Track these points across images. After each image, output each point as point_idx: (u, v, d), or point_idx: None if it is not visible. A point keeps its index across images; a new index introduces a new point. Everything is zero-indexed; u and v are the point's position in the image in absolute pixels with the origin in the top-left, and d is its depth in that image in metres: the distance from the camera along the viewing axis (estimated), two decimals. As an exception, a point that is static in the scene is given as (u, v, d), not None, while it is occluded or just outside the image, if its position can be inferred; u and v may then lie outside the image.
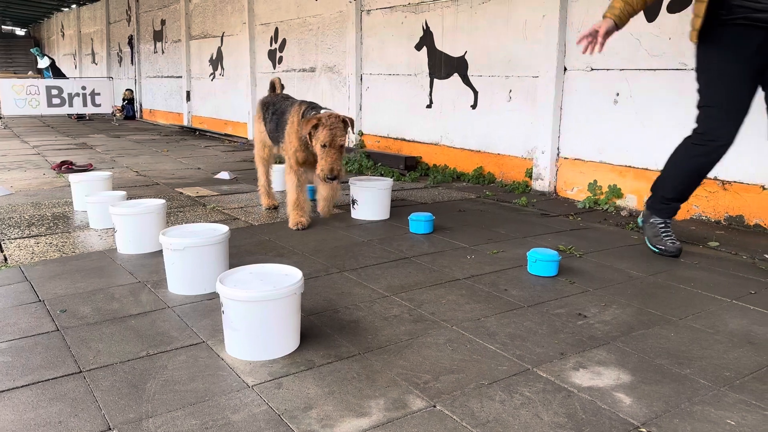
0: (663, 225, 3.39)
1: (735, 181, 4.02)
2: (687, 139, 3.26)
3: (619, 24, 3.10)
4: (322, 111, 3.71)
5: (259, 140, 4.44)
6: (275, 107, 4.14)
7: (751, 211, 3.95)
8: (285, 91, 9.17)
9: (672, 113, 4.33)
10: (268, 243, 3.62)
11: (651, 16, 4.37)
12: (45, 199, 4.88)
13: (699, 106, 3.19)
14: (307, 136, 3.65)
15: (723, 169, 4.05)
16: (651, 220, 3.44)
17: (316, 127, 3.57)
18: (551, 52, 4.99)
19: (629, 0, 3.06)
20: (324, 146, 3.55)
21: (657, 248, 3.39)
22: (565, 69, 4.99)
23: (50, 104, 12.03)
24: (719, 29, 3.01)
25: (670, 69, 4.30)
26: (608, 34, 3.10)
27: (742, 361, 2.14)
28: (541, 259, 3.03)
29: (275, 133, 4.09)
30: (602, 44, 3.11)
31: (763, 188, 3.87)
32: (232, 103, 10.52)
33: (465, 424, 1.74)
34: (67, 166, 6.39)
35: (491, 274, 3.08)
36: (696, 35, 3.06)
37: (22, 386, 1.94)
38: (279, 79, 4.68)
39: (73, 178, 4.47)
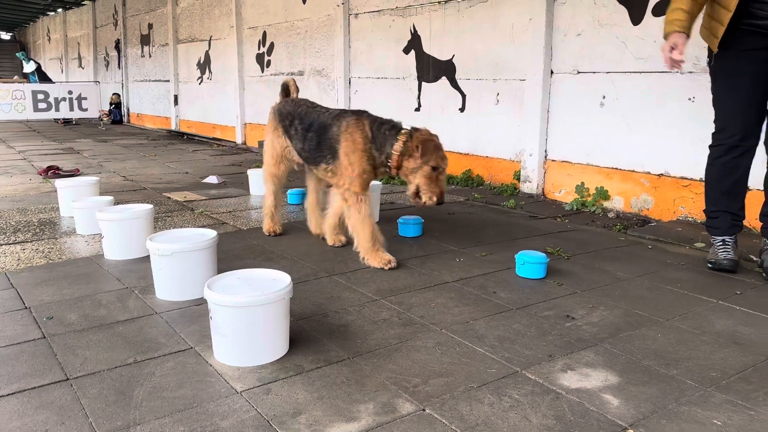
0: (720, 242, 3.25)
1: (720, 183, 4.05)
2: (710, 147, 3.24)
3: (689, 34, 3.05)
4: (408, 127, 3.27)
5: (272, 155, 3.74)
6: (305, 119, 3.51)
7: None
8: (273, 95, 9.14)
9: (658, 115, 4.37)
10: (257, 247, 3.61)
11: (636, 20, 4.41)
12: (31, 204, 4.84)
13: (715, 108, 3.19)
14: (400, 158, 3.18)
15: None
16: (711, 239, 3.34)
17: (426, 147, 3.15)
18: (538, 56, 5.02)
19: (689, 9, 2.99)
20: (436, 168, 3.16)
21: (709, 263, 3.25)
22: (552, 72, 5.02)
23: (36, 109, 11.94)
24: (738, 35, 3.02)
25: (656, 72, 4.33)
26: (683, 45, 3.06)
27: (728, 362, 2.16)
28: (530, 262, 3.04)
29: (315, 152, 3.41)
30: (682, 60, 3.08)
31: (748, 189, 3.90)
32: (220, 107, 10.49)
33: (454, 428, 1.74)
34: (53, 171, 6.34)
35: (480, 276, 3.09)
36: (717, 43, 3.05)
37: (8, 395, 1.92)
38: (294, 80, 4.04)
39: (59, 183, 4.44)
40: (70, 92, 12.66)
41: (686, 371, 2.09)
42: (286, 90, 4.00)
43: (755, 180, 3.87)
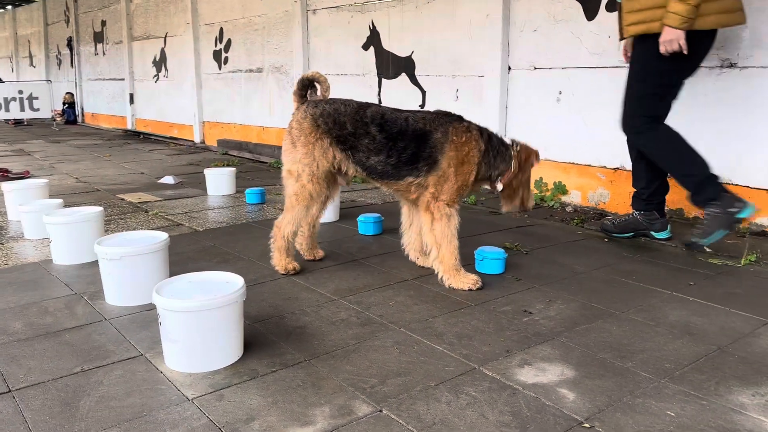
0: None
1: (674, 175, 4.13)
2: None
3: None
4: (508, 140, 3.09)
5: (311, 170, 2.92)
6: (389, 125, 2.89)
7: (690, 204, 4.06)
8: (232, 93, 8.99)
9: (612, 110, 4.41)
10: (213, 249, 3.53)
11: (590, 15, 4.46)
12: (-23, 209, 4.66)
13: None
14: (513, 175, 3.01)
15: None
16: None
17: (536, 156, 3.05)
18: (496, 52, 5.04)
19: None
20: (528, 179, 3.11)
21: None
22: (510, 68, 5.05)
23: (-15, 109, 11.52)
24: None
25: (610, 66, 4.39)
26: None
27: (681, 352, 2.19)
28: (488, 257, 3.04)
29: (406, 164, 2.87)
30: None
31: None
32: (177, 105, 10.28)
33: (411, 428, 1.72)
34: (2, 174, 6.11)
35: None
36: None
37: (-56, 410, 1.82)
38: (322, 75, 3.20)
39: (5, 186, 4.28)
40: (20, 92, 12.25)
41: (641, 363, 2.11)
42: (308, 85, 3.15)
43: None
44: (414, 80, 5.97)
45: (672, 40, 3.10)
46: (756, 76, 3.69)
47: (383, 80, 6.33)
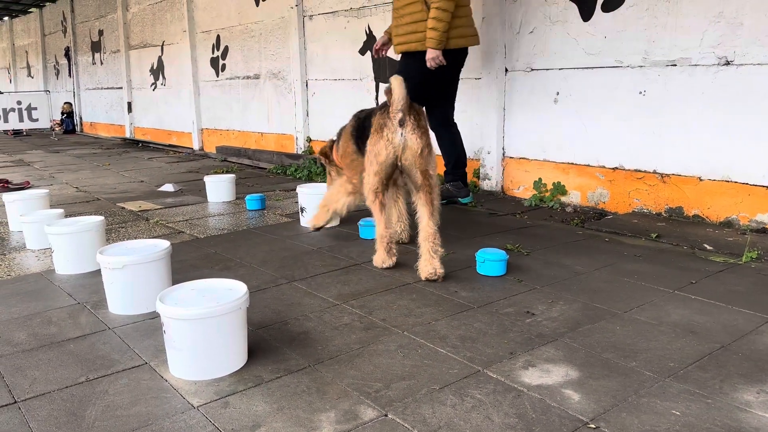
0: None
1: (674, 174, 4.13)
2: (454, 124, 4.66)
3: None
4: None
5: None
6: None
7: (690, 202, 4.07)
8: (230, 100, 9.01)
9: (610, 109, 4.43)
10: (215, 256, 3.53)
11: (586, 16, 4.47)
12: (-23, 220, 4.66)
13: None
14: None
15: (662, 163, 4.17)
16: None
17: None
18: (492, 54, 5.05)
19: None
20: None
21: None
22: (507, 70, 5.06)
23: (-17, 120, 11.54)
24: None
25: (607, 67, 4.39)
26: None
27: (685, 351, 2.19)
28: (490, 259, 3.05)
29: None
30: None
31: (700, 180, 4.00)
32: (175, 113, 10.30)
33: (417, 432, 1.72)
34: (2, 185, 6.12)
35: (441, 276, 3.07)
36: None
37: (-50, 422, 1.83)
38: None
39: (7, 197, 4.28)
40: (19, 102, 12.29)
41: (645, 362, 2.11)
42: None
43: (699, 169, 3.97)
44: (412, 84, 5.97)
45: (434, 57, 4.15)
46: (753, 74, 3.70)
47: (381, 84, 6.34)
